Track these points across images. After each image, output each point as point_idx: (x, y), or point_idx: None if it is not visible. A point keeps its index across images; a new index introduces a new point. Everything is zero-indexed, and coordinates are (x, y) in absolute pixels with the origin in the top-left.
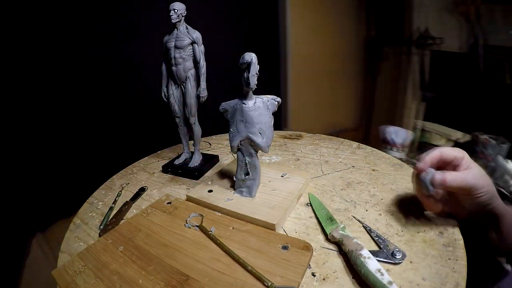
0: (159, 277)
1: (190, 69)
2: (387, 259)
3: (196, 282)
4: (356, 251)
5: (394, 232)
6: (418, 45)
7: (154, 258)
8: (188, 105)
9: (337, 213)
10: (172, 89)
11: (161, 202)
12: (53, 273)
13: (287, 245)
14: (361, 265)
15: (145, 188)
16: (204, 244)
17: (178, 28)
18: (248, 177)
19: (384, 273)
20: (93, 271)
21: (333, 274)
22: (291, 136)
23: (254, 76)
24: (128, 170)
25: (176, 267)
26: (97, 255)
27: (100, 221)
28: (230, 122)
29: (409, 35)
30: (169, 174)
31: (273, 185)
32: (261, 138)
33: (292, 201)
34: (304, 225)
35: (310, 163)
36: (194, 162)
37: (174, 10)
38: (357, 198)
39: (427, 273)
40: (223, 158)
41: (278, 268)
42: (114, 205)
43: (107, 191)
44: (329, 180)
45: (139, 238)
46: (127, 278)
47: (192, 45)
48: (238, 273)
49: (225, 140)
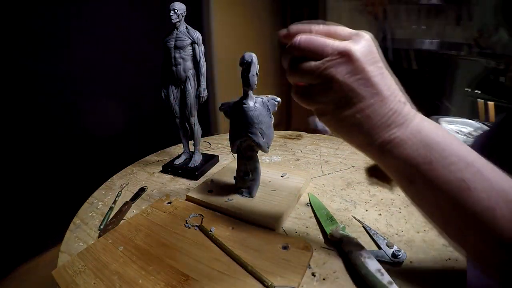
0: (159, 277)
1: (190, 69)
2: (387, 259)
3: (196, 282)
4: (356, 251)
5: (394, 232)
6: None
7: (154, 258)
8: (188, 105)
9: (337, 213)
10: (172, 89)
11: (161, 202)
12: (53, 273)
13: (287, 245)
14: (361, 265)
15: (145, 188)
16: (204, 244)
17: (178, 28)
18: (248, 177)
19: (384, 273)
20: (93, 271)
21: (333, 274)
22: (291, 136)
23: (254, 76)
24: (128, 170)
25: (176, 267)
26: (97, 255)
27: (100, 221)
28: (230, 122)
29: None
30: (169, 174)
31: (273, 185)
32: (261, 138)
33: (292, 201)
34: (304, 225)
35: (310, 163)
36: (194, 162)
37: (174, 10)
38: (357, 198)
39: (427, 273)
40: (223, 158)
41: (278, 268)
42: (114, 205)
43: (107, 191)
44: (329, 180)
45: (139, 238)
46: (127, 278)
47: (192, 45)
48: (238, 273)
49: (225, 140)
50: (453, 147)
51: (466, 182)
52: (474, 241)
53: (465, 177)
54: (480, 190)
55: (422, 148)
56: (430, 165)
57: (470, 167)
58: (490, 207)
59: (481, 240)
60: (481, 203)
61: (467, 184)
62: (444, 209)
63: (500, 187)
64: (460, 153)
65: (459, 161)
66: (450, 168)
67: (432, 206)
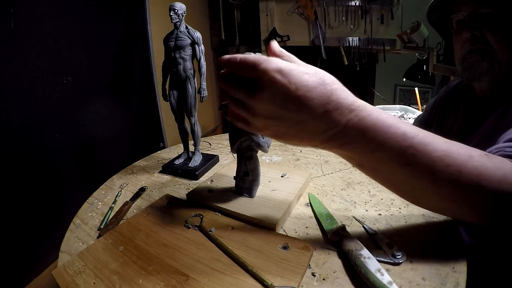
0: (159, 277)
1: (190, 69)
2: (387, 259)
3: (196, 282)
4: (356, 251)
5: (394, 232)
6: (268, 43)
7: (154, 258)
8: (188, 105)
9: (337, 213)
10: (172, 89)
11: (161, 202)
12: (53, 273)
13: (287, 245)
14: (361, 265)
15: (145, 188)
16: (204, 244)
17: (178, 28)
18: (248, 177)
19: (384, 273)
20: (93, 271)
21: (333, 274)
22: None
23: None
24: (128, 170)
25: (176, 267)
26: (97, 255)
27: (100, 221)
28: (230, 122)
29: (258, 35)
30: (169, 174)
31: (273, 185)
32: (261, 138)
33: (292, 201)
34: (304, 225)
35: (310, 163)
36: (194, 162)
37: (174, 10)
38: (357, 198)
39: (427, 273)
40: (223, 158)
41: (278, 268)
42: (114, 205)
43: (107, 191)
44: (329, 180)
45: (139, 238)
46: (127, 278)
47: (193, 45)
48: (238, 273)
49: (225, 140)
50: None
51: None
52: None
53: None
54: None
55: (364, 142)
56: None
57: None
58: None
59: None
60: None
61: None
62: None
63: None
64: (397, 135)
65: (402, 139)
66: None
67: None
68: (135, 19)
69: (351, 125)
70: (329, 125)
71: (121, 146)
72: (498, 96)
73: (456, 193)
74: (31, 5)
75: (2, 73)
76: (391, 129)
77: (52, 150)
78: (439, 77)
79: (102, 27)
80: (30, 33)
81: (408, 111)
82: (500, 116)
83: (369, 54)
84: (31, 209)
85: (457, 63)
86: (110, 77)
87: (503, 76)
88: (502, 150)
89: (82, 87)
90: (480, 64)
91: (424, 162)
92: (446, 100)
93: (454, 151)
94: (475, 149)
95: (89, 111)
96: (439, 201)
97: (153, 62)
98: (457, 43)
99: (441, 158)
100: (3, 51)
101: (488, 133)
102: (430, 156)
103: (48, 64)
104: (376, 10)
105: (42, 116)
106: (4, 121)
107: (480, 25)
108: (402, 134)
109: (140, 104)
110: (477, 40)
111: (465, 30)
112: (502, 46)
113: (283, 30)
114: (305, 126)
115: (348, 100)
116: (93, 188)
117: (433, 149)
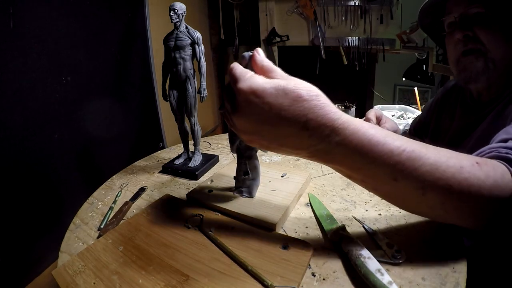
0: (159, 277)
1: (190, 69)
2: (387, 259)
3: (196, 282)
4: (356, 251)
5: (394, 232)
6: (267, 43)
7: (154, 258)
8: (188, 105)
9: (337, 213)
10: (172, 89)
11: (161, 202)
12: (53, 273)
13: (287, 245)
14: (361, 265)
15: (145, 188)
16: (204, 244)
17: (178, 28)
18: (248, 177)
19: (384, 273)
20: (93, 271)
21: (333, 274)
22: None
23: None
24: (128, 170)
25: (176, 267)
26: (97, 255)
27: (100, 221)
28: None
29: (257, 35)
30: (169, 174)
31: (273, 185)
32: None
33: (292, 201)
34: (304, 225)
35: (310, 163)
36: (194, 162)
37: (174, 10)
38: (357, 198)
39: (427, 273)
40: (223, 158)
41: (278, 268)
42: (114, 205)
43: (107, 191)
44: (329, 180)
45: (139, 238)
46: (127, 278)
47: (193, 45)
48: (238, 273)
49: (225, 140)
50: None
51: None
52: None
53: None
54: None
55: (349, 161)
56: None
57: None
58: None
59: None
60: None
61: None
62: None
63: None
64: (384, 152)
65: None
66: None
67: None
68: (135, 19)
69: (334, 144)
70: (310, 142)
71: (121, 146)
72: (494, 97)
73: (446, 203)
74: (30, 5)
75: (2, 73)
76: (378, 147)
77: (52, 150)
78: (439, 77)
79: (101, 27)
80: (29, 33)
81: (407, 111)
82: (496, 117)
83: (369, 54)
84: (31, 209)
85: (452, 65)
86: (110, 77)
87: (498, 74)
88: (495, 151)
89: (82, 87)
90: (475, 64)
91: (412, 177)
92: (443, 101)
93: (443, 164)
94: (468, 157)
95: (89, 111)
96: (430, 210)
97: (152, 62)
98: (450, 45)
99: (430, 172)
100: (2, 51)
101: (485, 134)
102: (418, 171)
103: (48, 64)
104: (375, 10)
105: (42, 116)
106: (4, 121)
107: (472, 24)
108: (389, 151)
109: (140, 104)
110: (470, 40)
111: (457, 31)
112: (495, 44)
113: (283, 30)
114: (286, 142)
115: (328, 117)
116: (93, 188)
117: (421, 164)
